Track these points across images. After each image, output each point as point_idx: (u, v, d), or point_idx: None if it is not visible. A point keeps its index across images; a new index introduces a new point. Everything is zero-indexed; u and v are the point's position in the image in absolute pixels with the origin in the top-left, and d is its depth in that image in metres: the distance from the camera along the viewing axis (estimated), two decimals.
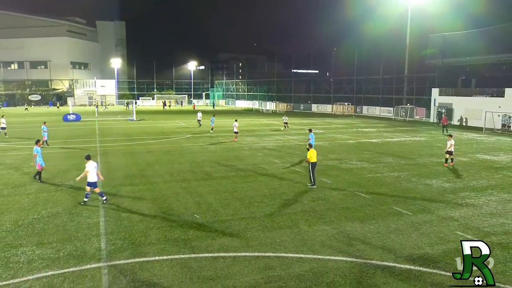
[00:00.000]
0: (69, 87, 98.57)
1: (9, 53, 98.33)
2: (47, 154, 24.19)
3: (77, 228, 11.55)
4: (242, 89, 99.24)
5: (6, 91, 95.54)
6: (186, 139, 32.57)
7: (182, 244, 10.38)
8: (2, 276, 8.61)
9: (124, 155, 24.31)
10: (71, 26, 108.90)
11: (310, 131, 23.84)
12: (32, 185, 16.53)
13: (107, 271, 8.86)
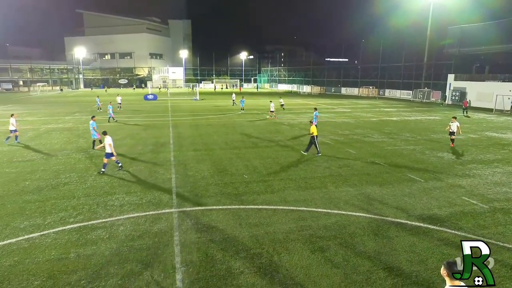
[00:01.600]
0: (148, 73, 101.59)
1: (104, 47, 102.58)
2: (131, 125, 25.37)
3: (155, 181, 12.17)
4: (284, 74, 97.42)
5: (102, 76, 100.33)
6: (238, 115, 32.82)
7: (234, 197, 10.67)
8: (102, 214, 9.34)
9: (190, 127, 25.00)
10: (150, 25, 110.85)
11: (315, 110, 23.20)
12: (122, 148, 17.46)
13: (177, 215, 9.34)
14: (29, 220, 8.93)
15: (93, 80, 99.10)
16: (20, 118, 29.31)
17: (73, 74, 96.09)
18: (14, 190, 11.24)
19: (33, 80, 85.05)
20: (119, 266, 6.88)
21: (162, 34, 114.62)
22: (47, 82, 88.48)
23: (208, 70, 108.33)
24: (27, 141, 19.36)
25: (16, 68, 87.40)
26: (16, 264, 6.92)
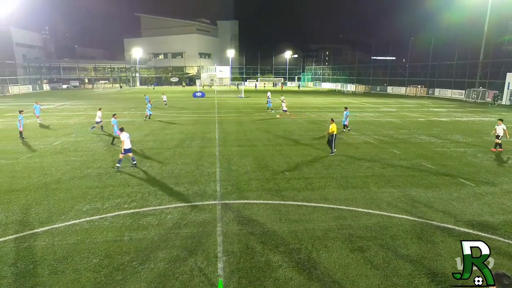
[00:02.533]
0: (197, 72, 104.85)
1: (158, 47, 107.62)
2: (180, 121, 26.32)
3: (201, 175, 12.57)
4: (328, 73, 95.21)
5: (156, 75, 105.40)
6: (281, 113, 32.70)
7: (274, 193, 10.69)
8: (153, 202, 9.86)
9: (234, 123, 25.42)
10: (200, 26, 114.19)
11: (346, 109, 22.27)
12: (172, 142, 18.26)
13: (220, 207, 9.58)
14: (90, 204, 9.68)
15: (148, 78, 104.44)
16: (86, 113, 31.81)
17: (130, 73, 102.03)
18: (78, 176, 12.25)
19: (96, 78, 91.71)
20: (167, 251, 7.22)
21: (211, 34, 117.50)
22: (108, 80, 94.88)
23: (253, 68, 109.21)
24: (89, 134, 20.94)
25: (83, 67, 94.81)
26: (78, 243, 7.55)
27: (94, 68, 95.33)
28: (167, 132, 21.28)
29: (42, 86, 75.97)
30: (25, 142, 18.14)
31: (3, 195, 10.34)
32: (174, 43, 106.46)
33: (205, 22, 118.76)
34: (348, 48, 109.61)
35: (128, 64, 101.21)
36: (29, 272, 6.47)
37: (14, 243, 7.53)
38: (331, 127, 15.41)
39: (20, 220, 8.67)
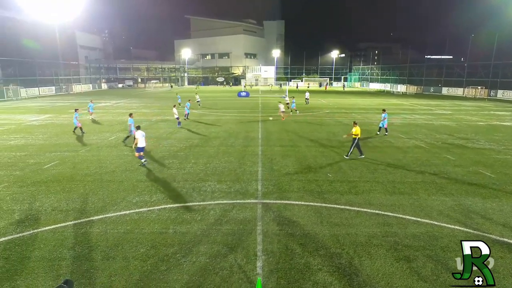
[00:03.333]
0: (242, 72, 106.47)
1: (206, 48, 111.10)
2: (224, 120, 26.86)
3: (243, 173, 12.75)
4: (376, 73, 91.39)
5: (203, 75, 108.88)
6: (325, 113, 32.08)
7: (316, 195, 10.52)
8: (197, 198, 10.20)
9: (277, 123, 25.39)
10: (246, 26, 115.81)
11: (384, 111, 20.90)
12: (216, 140, 18.72)
13: (261, 206, 9.64)
14: (140, 197, 10.27)
15: (195, 78, 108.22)
16: (137, 110, 33.80)
17: (179, 73, 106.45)
18: (130, 170, 13.05)
19: (148, 78, 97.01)
20: (208, 246, 7.43)
21: (257, 35, 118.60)
22: (159, 79, 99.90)
23: (298, 68, 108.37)
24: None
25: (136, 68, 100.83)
26: (128, 232, 8.05)
27: (147, 68, 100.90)
28: (211, 131, 21.87)
29: (101, 85, 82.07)
30: (83, 137, 19.73)
31: (65, 184, 11.34)
32: (221, 44, 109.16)
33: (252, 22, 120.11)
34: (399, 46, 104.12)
35: (177, 65, 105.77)
36: (85, 256, 7.03)
37: (73, 229, 8.23)
38: (354, 130, 14.68)
39: (79, 208, 9.45)
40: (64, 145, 17.45)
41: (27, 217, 8.84)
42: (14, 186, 11.17)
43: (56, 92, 61.54)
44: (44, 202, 9.82)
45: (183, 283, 6.21)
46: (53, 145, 17.57)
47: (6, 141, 18.51)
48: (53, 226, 8.33)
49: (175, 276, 6.38)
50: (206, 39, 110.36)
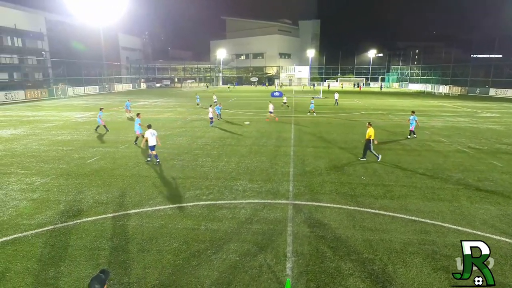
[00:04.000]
0: (276, 72, 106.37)
1: (240, 48, 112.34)
2: (257, 120, 26.94)
3: (274, 173, 12.73)
4: (416, 73, 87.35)
5: (237, 75, 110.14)
6: (360, 115, 31.20)
7: (349, 198, 10.26)
8: (228, 196, 10.34)
9: (310, 124, 25.10)
10: (281, 26, 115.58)
11: (413, 113, 19.72)
12: (249, 139, 18.86)
13: (292, 207, 9.57)
14: (174, 193, 10.59)
15: (230, 78, 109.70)
16: (174, 109, 34.89)
17: (214, 73, 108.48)
18: (165, 167, 13.51)
19: (184, 78, 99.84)
20: (238, 245, 7.50)
21: (291, 34, 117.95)
22: (194, 79, 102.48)
23: (333, 68, 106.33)
24: (175, 129, 22.89)
25: (174, 68, 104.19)
26: (162, 227, 8.33)
27: (183, 68, 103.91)
28: (244, 130, 22.05)
29: (140, 84, 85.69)
30: (121, 134, 20.69)
31: (106, 178, 11.97)
32: (255, 44, 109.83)
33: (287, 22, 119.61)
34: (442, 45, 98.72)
35: (212, 65, 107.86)
36: (122, 248, 7.38)
37: (111, 221, 8.67)
38: (368, 131, 14.25)
39: (117, 201, 9.93)
40: (105, 141, 18.42)
41: (71, 208, 9.43)
42: (60, 179, 11.98)
43: (100, 91, 65.10)
44: (86, 195, 10.43)
45: (213, 279, 6.32)
46: (95, 141, 18.62)
47: (54, 136, 19.88)
48: (94, 218, 8.82)
49: (206, 272, 6.51)
50: (241, 40, 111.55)
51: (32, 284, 6.14)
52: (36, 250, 7.24)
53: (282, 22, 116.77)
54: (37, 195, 10.42)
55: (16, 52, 55.04)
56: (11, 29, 52.74)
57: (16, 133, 20.81)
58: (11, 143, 17.64)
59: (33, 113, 31.64)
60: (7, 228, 8.22)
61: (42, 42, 60.53)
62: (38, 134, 20.46)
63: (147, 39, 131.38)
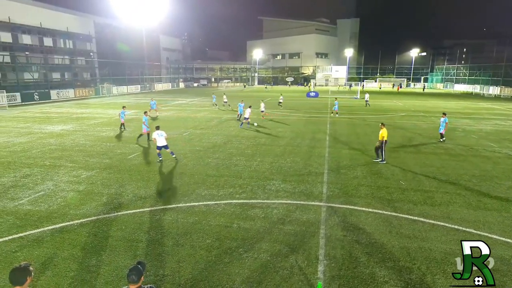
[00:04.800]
0: (312, 72, 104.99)
1: (277, 48, 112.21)
2: (293, 120, 26.76)
3: (308, 174, 12.57)
4: (463, 73, 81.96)
5: (272, 75, 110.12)
6: (400, 116, 29.90)
7: (386, 203, 9.88)
8: (261, 196, 10.37)
9: (346, 125, 24.50)
10: (319, 26, 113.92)
11: (444, 115, 18.36)
12: (283, 140, 18.79)
13: (325, 209, 9.40)
14: (208, 190, 10.82)
15: (265, 78, 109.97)
16: (210, 108, 35.62)
17: (250, 73, 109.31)
18: (200, 164, 13.84)
19: (221, 78, 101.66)
20: (270, 244, 7.50)
21: (329, 34, 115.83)
22: (230, 79, 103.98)
23: (372, 68, 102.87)
24: (211, 128, 23.36)
25: (211, 68, 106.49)
26: (196, 223, 8.55)
27: (220, 68, 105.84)
28: (278, 130, 22.00)
29: (179, 84, 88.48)
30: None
31: (145, 174, 12.50)
32: (292, 44, 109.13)
33: (324, 21, 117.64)
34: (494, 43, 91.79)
35: (248, 65, 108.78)
36: (158, 241, 7.66)
37: (149, 215, 9.04)
38: (381, 132, 13.92)
39: (155, 196, 10.34)
40: (144, 138, 19.23)
41: (113, 201, 9.96)
42: (104, 173, 12.69)
43: (141, 90, 68.10)
44: (126, 188, 10.96)
45: (244, 277, 6.37)
46: (135, 138, 19.49)
47: (99, 132, 21.11)
48: (133, 211, 9.25)
49: (237, 270, 6.59)
50: (277, 39, 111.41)
51: (76, 270, 6.56)
52: (80, 239, 7.73)
53: (320, 22, 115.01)
54: (83, 187, 11.13)
55: (67, 53, 59.15)
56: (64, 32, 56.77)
57: (66, 128, 22.36)
58: (62, 138, 18.98)
59: (80, 110, 33.83)
60: (56, 217, 8.86)
61: (90, 44, 64.51)
62: (85, 130, 21.83)
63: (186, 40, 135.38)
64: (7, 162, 14.16)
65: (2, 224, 8.44)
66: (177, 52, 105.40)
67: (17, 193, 10.58)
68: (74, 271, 6.53)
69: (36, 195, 10.36)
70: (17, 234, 7.91)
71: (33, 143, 17.71)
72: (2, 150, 16.38)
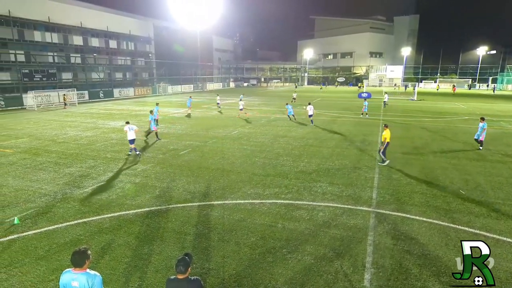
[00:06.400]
0: (365, 72, 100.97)
1: (328, 47, 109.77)
2: (342, 121, 25.99)
3: (357, 178, 12.13)
4: None
5: (323, 75, 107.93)
6: (463, 120, 27.53)
7: (443, 212, 9.17)
8: (306, 197, 10.23)
9: (400, 128, 23.18)
10: (373, 23, 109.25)
11: (482, 120, 16.34)
12: (331, 141, 18.35)
13: (374, 216, 8.99)
14: (254, 189, 10.95)
15: (315, 78, 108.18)
16: (259, 108, 35.99)
17: (300, 73, 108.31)
18: (247, 163, 14.04)
19: (270, 78, 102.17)
20: (314, 248, 7.37)
21: (385, 32, 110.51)
22: (280, 79, 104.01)
23: (431, 68, 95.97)
24: (259, 127, 23.57)
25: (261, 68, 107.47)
26: (241, 220, 8.69)
27: (270, 68, 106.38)
28: (327, 132, 21.52)
29: (229, 84, 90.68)
30: (211, 130, 22.17)
31: (195, 170, 13.02)
32: (344, 43, 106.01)
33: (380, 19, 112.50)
34: None
35: (298, 65, 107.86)
36: (204, 235, 7.93)
37: (197, 209, 9.39)
38: (384, 134, 13.38)
39: (203, 192, 10.71)
40: (196, 136, 20.01)
41: (165, 194, 10.52)
42: (157, 167, 13.46)
43: (194, 89, 70.98)
44: (177, 183, 11.50)
45: (286, 278, 6.34)
46: (188, 135, 20.38)
47: None
48: (183, 205, 9.68)
49: (280, 270, 6.57)
50: (329, 39, 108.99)
51: (130, 256, 7.04)
52: (135, 228, 8.28)
53: (375, 19, 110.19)
54: (138, 179, 11.90)
55: (129, 54, 63.75)
56: (127, 34, 61.27)
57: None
58: (122, 133, 20.48)
59: (138, 108, 36.21)
60: (115, 206, 9.59)
61: (149, 45, 68.83)
62: (142, 127, 23.29)
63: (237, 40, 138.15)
64: (75, 153, 15.65)
65: (70, 209, 9.35)
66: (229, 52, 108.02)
67: (83, 182, 11.64)
68: (128, 257, 7.01)
69: (99, 185, 11.32)
70: (81, 219, 8.72)
71: (97, 137, 19.36)
72: (72, 142, 18.14)
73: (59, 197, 10.23)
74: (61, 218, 8.81)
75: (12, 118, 28.19)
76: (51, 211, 9.21)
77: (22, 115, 30.35)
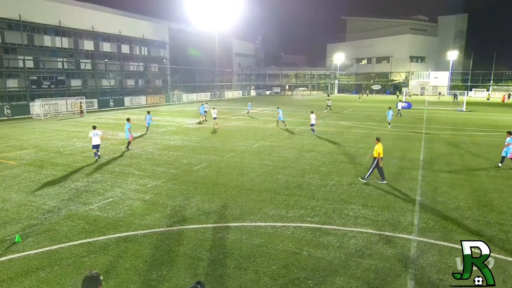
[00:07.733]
0: (405, 78, 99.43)
1: (361, 51, 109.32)
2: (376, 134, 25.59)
3: (395, 200, 11.80)
4: None
5: (356, 82, 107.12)
6: None
7: (499, 243, 8.71)
8: (336, 221, 10.02)
9: (447, 143, 22.49)
10: (414, 24, 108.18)
11: (509, 135, 15.58)
12: (365, 157, 18.03)
13: (416, 245, 8.67)
14: (276, 210, 10.86)
15: (347, 85, 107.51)
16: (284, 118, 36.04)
17: (329, 80, 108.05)
18: (269, 180, 14.00)
19: (296, 85, 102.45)
20: (345, 280, 7.17)
21: (427, 33, 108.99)
22: (306, 87, 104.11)
23: (483, 74, 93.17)
24: (282, 140, 23.55)
25: (285, 74, 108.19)
26: (261, 245, 8.61)
27: (295, 75, 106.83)
28: (360, 146, 21.20)
29: (250, 91, 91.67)
30: (228, 143, 22.35)
31: (210, 187, 13.11)
32: (380, 46, 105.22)
33: (422, 19, 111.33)
34: None
35: (328, 71, 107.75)
36: (220, 262, 7.90)
37: (212, 231, 9.41)
38: (376, 148, 13.33)
39: (219, 212, 10.74)
40: (212, 149, 20.23)
41: (176, 213, 10.63)
42: (169, 183, 13.66)
43: (211, 97, 72.25)
44: (191, 201, 11.60)
45: None
46: (203, 148, 20.64)
47: (167, 141, 22.87)
48: (196, 226, 9.73)
49: None
50: (362, 42, 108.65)
51: (137, 282, 7.10)
52: (143, 250, 8.38)
53: (416, 19, 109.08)
54: (148, 196, 12.11)
55: (142, 60, 66.01)
56: (140, 39, 63.62)
57: (135, 136, 24.74)
58: (131, 145, 21.03)
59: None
60: (122, 225, 9.77)
61: (164, 50, 71.10)
62: (154, 138, 23.86)
63: (260, 44, 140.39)
64: (81, 166, 16.18)
65: (74, 228, 9.61)
66: (250, 57, 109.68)
67: (89, 198, 11.97)
68: (135, 283, 7.08)
69: (105, 201, 11.59)
70: (85, 239, 8.92)
71: (106, 149, 19.95)
72: (79, 154, 18.79)
73: (63, 214, 10.55)
74: (64, 237, 9.05)
75: (18, 128, 29.65)
76: (54, 229, 9.50)
77: (29, 124, 31.87)
